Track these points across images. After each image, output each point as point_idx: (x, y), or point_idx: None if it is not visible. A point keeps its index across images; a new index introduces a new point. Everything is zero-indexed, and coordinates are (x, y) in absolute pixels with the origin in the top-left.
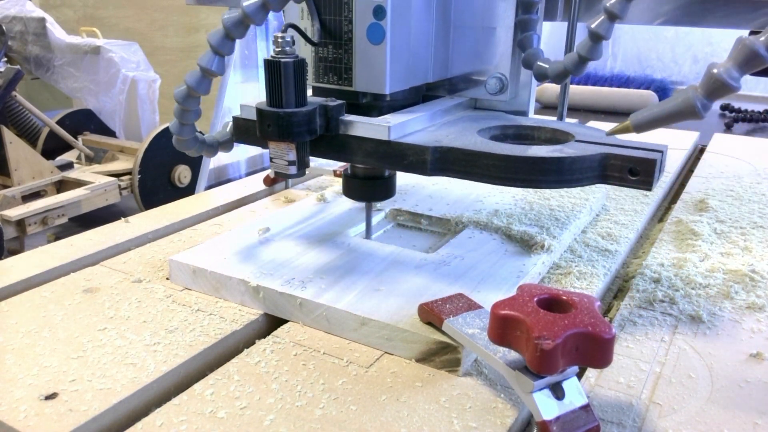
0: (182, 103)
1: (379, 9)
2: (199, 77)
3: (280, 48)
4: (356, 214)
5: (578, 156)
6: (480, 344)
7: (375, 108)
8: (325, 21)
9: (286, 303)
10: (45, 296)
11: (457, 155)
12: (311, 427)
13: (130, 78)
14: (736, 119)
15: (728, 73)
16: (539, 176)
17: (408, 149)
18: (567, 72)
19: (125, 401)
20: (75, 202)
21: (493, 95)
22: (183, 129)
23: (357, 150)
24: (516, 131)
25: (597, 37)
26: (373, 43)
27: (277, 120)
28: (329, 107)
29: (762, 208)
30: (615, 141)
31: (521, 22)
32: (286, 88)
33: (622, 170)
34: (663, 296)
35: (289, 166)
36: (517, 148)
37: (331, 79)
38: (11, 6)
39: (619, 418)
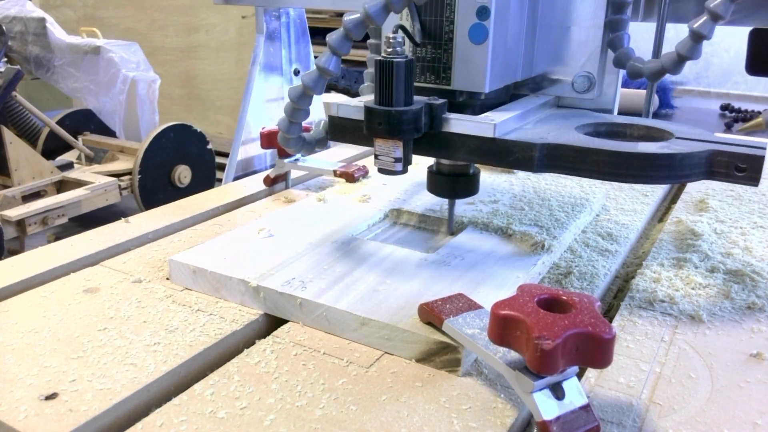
0: (296, 101)
1: (483, 10)
2: (317, 77)
3: (392, 48)
4: (356, 214)
5: (688, 152)
6: (480, 344)
7: (469, 106)
8: (425, 22)
9: (286, 303)
10: (45, 296)
11: (565, 152)
12: (311, 427)
13: (130, 78)
14: (736, 119)
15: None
16: (650, 172)
17: (514, 146)
18: (664, 70)
19: (125, 401)
20: (75, 202)
21: (581, 93)
22: (291, 127)
23: (460, 147)
24: (609, 128)
25: (699, 36)
26: (475, 43)
27: (388, 118)
28: (434, 105)
29: (762, 208)
30: (716, 138)
31: (611, 22)
32: (397, 87)
33: (729, 166)
34: (663, 296)
35: (395, 163)
36: (626, 144)
37: (428, 78)
38: (11, 6)
39: (619, 418)
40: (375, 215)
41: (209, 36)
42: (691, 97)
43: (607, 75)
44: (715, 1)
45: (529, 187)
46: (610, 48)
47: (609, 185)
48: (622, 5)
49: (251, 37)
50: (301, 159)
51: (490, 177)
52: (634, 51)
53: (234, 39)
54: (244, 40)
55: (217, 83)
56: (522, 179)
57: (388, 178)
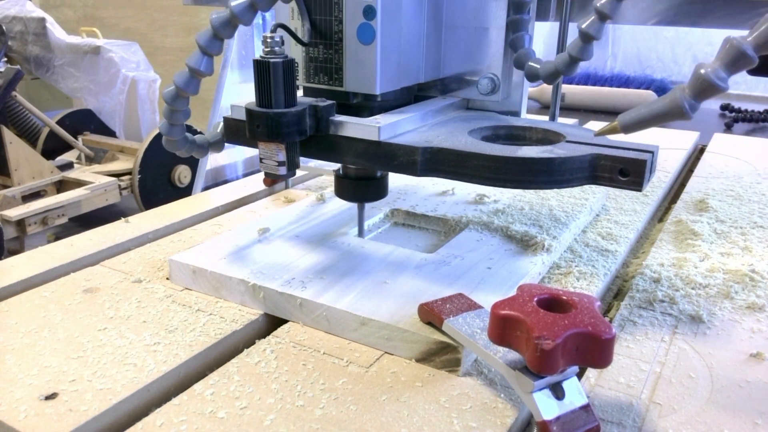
0: (171, 103)
1: (369, 9)
2: (188, 77)
3: (269, 48)
4: (356, 214)
5: (568, 156)
6: (480, 344)
7: (366, 108)
8: (315, 21)
9: (286, 303)
10: (45, 296)
11: (447, 156)
12: (311, 427)
13: (130, 78)
14: (736, 119)
15: (715, 74)
16: (529, 177)
17: (398, 150)
18: (558, 72)
19: (125, 401)
20: (75, 202)
21: (485, 95)
22: (172, 129)
23: (347, 150)
24: (508, 132)
25: (588, 37)
26: (364, 44)
27: (267, 120)
28: (319, 107)
29: (762, 208)
30: (606, 141)
31: (513, 23)
32: (276, 88)
33: (613, 171)
34: (663, 296)
35: (279, 166)
36: (506, 148)
37: (321, 79)
38: (11, 6)
39: (619, 418)
40: (375, 215)
41: None
42: None
43: (514, 76)
44: (602, 1)
45: None
46: (511, 48)
47: None
48: (522, 5)
49: (248, 37)
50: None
51: None
52: (534, 52)
53: (234, 39)
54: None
55: (214, 83)
56: None
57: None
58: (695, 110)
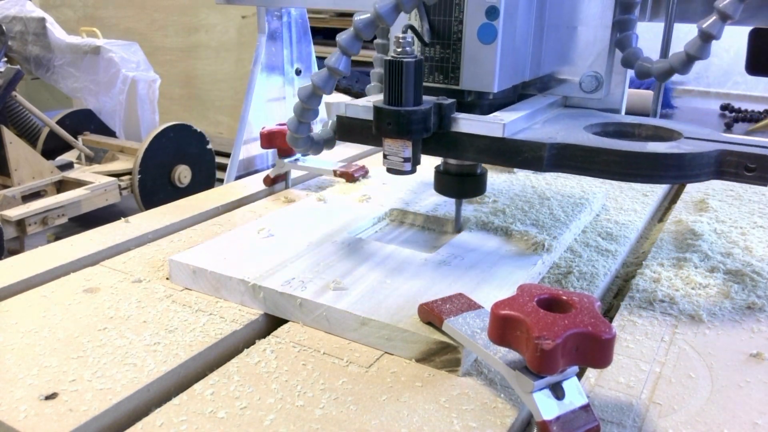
0: (305, 101)
1: (492, 9)
2: (326, 76)
3: (401, 48)
4: (356, 214)
5: (698, 152)
6: (480, 344)
7: (477, 106)
8: (434, 21)
9: (286, 303)
10: (45, 296)
11: (575, 151)
12: (311, 427)
13: (130, 78)
14: (736, 119)
15: None
16: (660, 172)
17: (523, 146)
18: (673, 70)
19: (125, 401)
20: (75, 202)
21: (588, 93)
22: (300, 127)
23: (469, 147)
24: (617, 128)
25: (708, 36)
26: (484, 43)
27: (398, 118)
28: (443, 105)
29: (762, 208)
30: (726, 138)
31: (620, 22)
32: (407, 87)
33: (739, 166)
34: (663, 296)
35: (404, 162)
36: (635, 144)
37: (436, 78)
38: (11, 6)
39: (619, 418)
40: (375, 215)
41: (209, 36)
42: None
43: (614, 75)
44: (725, 1)
45: (529, 186)
46: (618, 48)
47: (609, 185)
48: (630, 5)
49: (251, 37)
50: (301, 159)
51: (490, 177)
52: (642, 51)
53: (234, 39)
54: (244, 40)
55: (217, 83)
56: (522, 179)
57: (388, 178)
58: None
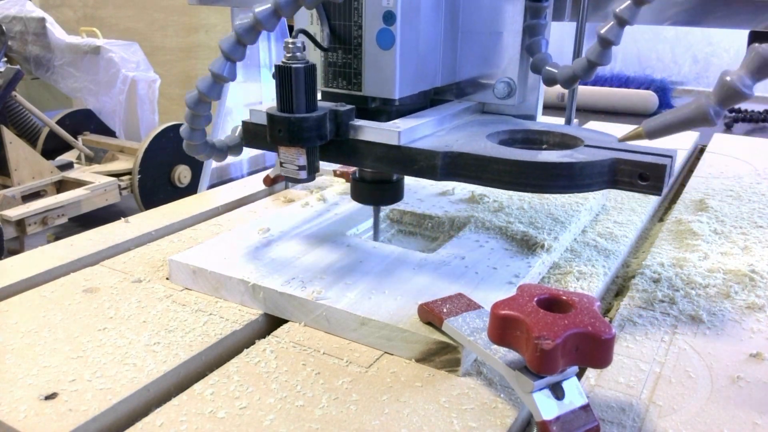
0: (193, 108)
1: (389, 14)
2: (211, 83)
3: (291, 54)
4: (356, 214)
5: (588, 161)
6: (480, 344)
7: (384, 112)
8: (334, 26)
9: (286, 303)
10: (45, 296)
11: (467, 160)
12: (311, 427)
13: (130, 78)
14: (736, 119)
15: (741, 81)
16: (550, 181)
17: (418, 154)
18: (576, 77)
19: (125, 401)
20: (75, 202)
21: (502, 100)
22: (194, 134)
23: (367, 155)
24: (524, 136)
25: (607, 42)
26: (383, 49)
27: (288, 125)
28: (339, 112)
29: (762, 208)
30: (624, 146)
31: (529, 27)
32: (297, 93)
33: (632, 175)
34: (663, 296)
35: (299, 170)
36: (527, 153)
37: (340, 83)
38: (11, 6)
39: (619, 418)
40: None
41: (209, 36)
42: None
43: (529, 81)
44: (621, 6)
45: None
46: (528, 53)
47: None
48: (539, 10)
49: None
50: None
51: None
52: (551, 56)
53: None
54: None
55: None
56: None
57: None
58: (720, 116)
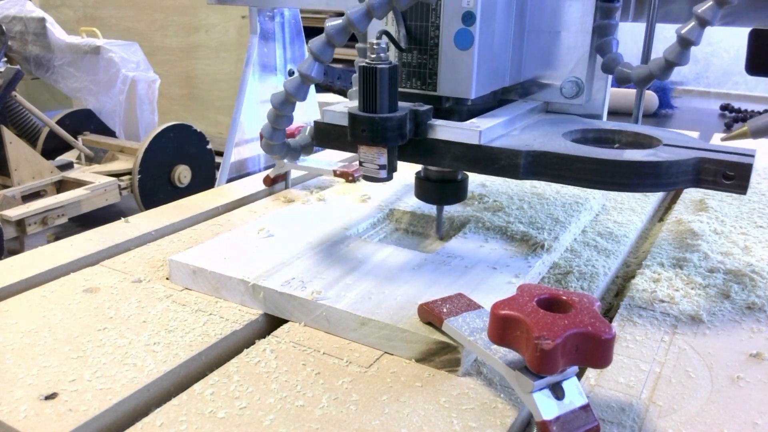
0: (278, 108)
1: (469, 15)
2: (299, 83)
3: (376, 54)
4: (357, 214)
5: (675, 160)
6: (480, 344)
7: (456, 112)
8: (410, 27)
9: (286, 303)
10: (45, 296)
11: (551, 159)
12: (311, 427)
13: (130, 78)
14: (736, 119)
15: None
16: (636, 180)
17: (500, 153)
18: (652, 76)
19: (125, 401)
20: (75, 202)
21: (569, 99)
22: (275, 134)
23: (446, 154)
24: (597, 135)
25: (686, 42)
26: (461, 49)
27: (372, 125)
28: (419, 112)
29: (762, 208)
30: (704, 145)
31: (600, 27)
32: (381, 93)
33: (717, 174)
34: (663, 296)
35: (379, 170)
36: (611, 152)
37: (414, 83)
38: (11, 6)
39: (619, 418)
40: (375, 215)
41: (209, 36)
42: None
43: (596, 80)
44: (703, 7)
45: (529, 186)
46: (598, 53)
47: None
48: (610, 10)
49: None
50: (301, 159)
51: (490, 177)
52: (622, 56)
53: (234, 39)
54: (245, 40)
55: (217, 83)
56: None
57: None
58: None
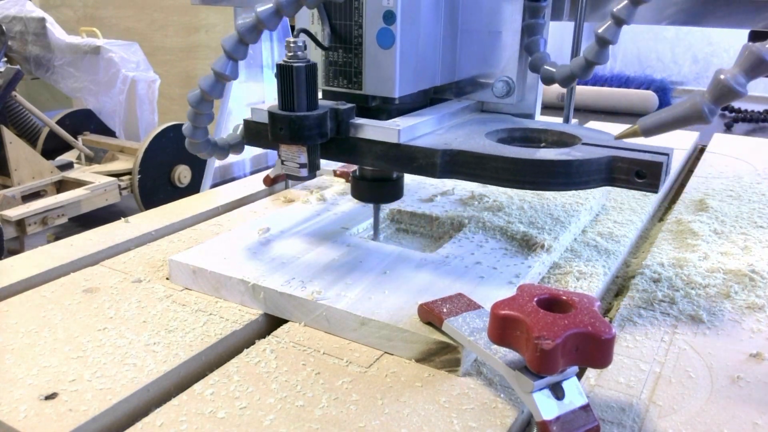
0: (196, 106)
1: (389, 14)
2: (213, 81)
3: (292, 53)
4: (356, 213)
5: (586, 159)
6: (480, 344)
7: (384, 111)
8: (335, 26)
9: (286, 303)
10: (45, 296)
11: (466, 158)
12: (311, 427)
13: (129, 78)
14: (736, 119)
15: (735, 79)
16: (548, 179)
17: (417, 152)
18: (574, 76)
19: (125, 401)
20: (75, 202)
21: (500, 98)
22: (196, 132)
23: (367, 153)
24: (523, 134)
25: (604, 41)
26: (383, 48)
27: (290, 123)
28: (340, 110)
29: (762, 208)
30: (621, 144)
31: (528, 27)
32: (298, 92)
33: (629, 173)
34: (663, 296)
35: (300, 168)
36: (525, 151)
37: (340, 82)
38: (11, 6)
39: (619, 418)
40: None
41: (209, 36)
42: None
43: (528, 80)
44: (619, 6)
45: None
46: (527, 52)
47: None
48: (538, 9)
49: None
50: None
51: None
52: (549, 56)
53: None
54: None
55: None
56: None
57: None
58: (714, 115)
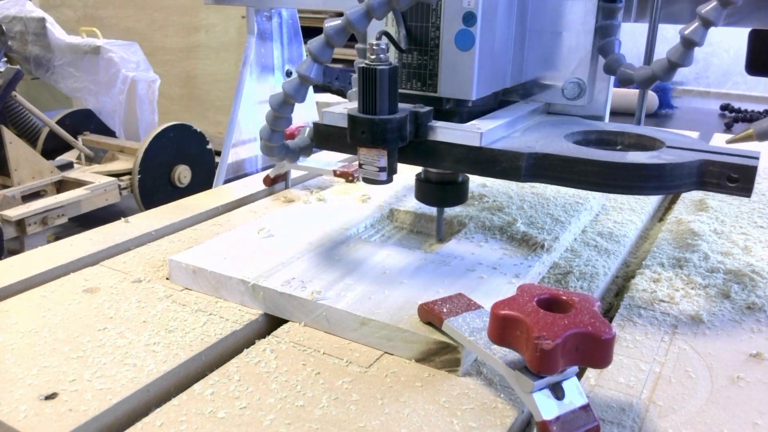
0: (277, 109)
1: (470, 15)
2: (297, 84)
3: (375, 55)
4: (356, 214)
5: (678, 163)
6: (480, 344)
7: (456, 114)
8: (410, 28)
9: (286, 303)
10: (45, 296)
11: (553, 161)
12: (311, 427)
13: (130, 78)
14: (736, 119)
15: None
16: (640, 183)
17: (501, 155)
18: (655, 77)
19: (125, 401)
20: (75, 202)
21: (571, 100)
22: (273, 135)
23: (446, 156)
24: (599, 136)
25: (690, 43)
26: (461, 50)
27: (371, 127)
28: (419, 114)
29: (762, 208)
30: (708, 147)
31: (602, 28)
32: (381, 95)
33: (721, 177)
34: (663, 296)
35: (379, 172)
36: (614, 154)
37: (414, 85)
38: (11, 6)
39: (619, 418)
40: (375, 215)
41: (209, 36)
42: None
43: (598, 81)
44: (707, 7)
45: (529, 186)
46: (601, 54)
47: None
48: (612, 10)
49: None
50: (301, 158)
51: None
52: (624, 57)
53: (234, 39)
54: (245, 40)
55: (217, 83)
56: None
57: None
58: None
